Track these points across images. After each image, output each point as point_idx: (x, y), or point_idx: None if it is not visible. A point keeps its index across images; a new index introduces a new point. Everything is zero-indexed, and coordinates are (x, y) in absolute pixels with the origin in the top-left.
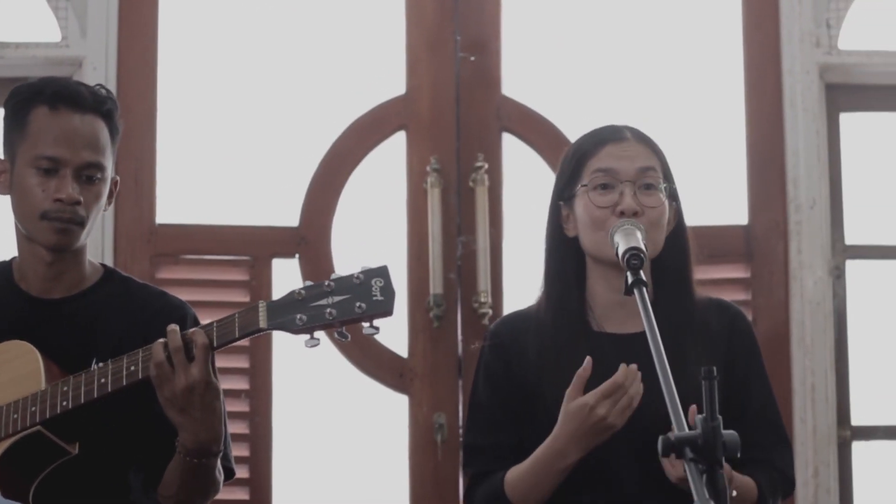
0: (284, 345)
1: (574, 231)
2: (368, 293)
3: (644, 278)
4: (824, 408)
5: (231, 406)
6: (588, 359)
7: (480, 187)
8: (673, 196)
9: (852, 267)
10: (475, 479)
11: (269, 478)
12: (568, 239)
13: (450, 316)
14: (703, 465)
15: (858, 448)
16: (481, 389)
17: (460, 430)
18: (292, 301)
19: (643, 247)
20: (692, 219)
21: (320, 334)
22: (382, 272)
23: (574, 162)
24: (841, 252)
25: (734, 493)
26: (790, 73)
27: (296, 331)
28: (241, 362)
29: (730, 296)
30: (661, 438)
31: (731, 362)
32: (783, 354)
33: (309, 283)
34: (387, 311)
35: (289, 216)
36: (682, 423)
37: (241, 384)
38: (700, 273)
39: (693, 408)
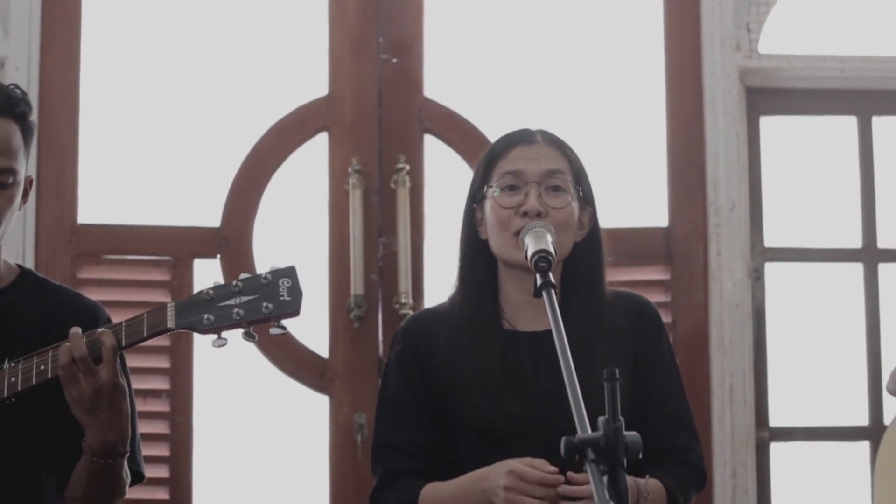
0: (205, 345)
1: (486, 234)
2: (276, 293)
3: (552, 280)
4: (742, 409)
5: (152, 406)
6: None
7: (402, 189)
8: (586, 199)
9: (771, 269)
10: (386, 479)
11: (190, 478)
12: (482, 241)
13: (371, 316)
14: (605, 467)
15: (776, 449)
16: (393, 385)
17: None
18: (200, 301)
19: (552, 249)
20: (612, 221)
21: (231, 334)
22: (290, 272)
23: (485, 164)
24: (760, 254)
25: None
26: (711, 77)
27: (203, 331)
28: (162, 362)
29: (649, 297)
30: (563, 440)
31: (638, 355)
32: (702, 356)
33: (218, 282)
34: (293, 311)
35: (210, 217)
36: (585, 424)
37: (161, 384)
38: (620, 275)
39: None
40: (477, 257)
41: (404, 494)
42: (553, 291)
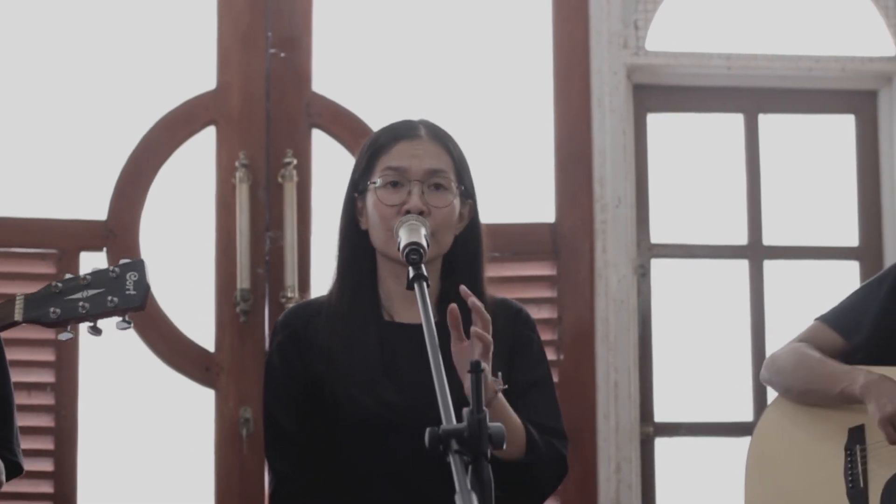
0: (91, 338)
1: (366, 224)
2: (122, 287)
3: (425, 273)
4: (627, 404)
5: (36, 399)
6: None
7: (289, 183)
8: (467, 195)
9: (657, 265)
10: (283, 482)
11: (75, 471)
12: (362, 232)
13: (257, 311)
14: (468, 457)
15: (661, 444)
16: (277, 376)
17: None
18: (49, 294)
19: (424, 242)
20: (499, 216)
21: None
22: (138, 266)
23: (368, 156)
24: (646, 251)
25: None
26: (598, 74)
27: (49, 324)
28: (47, 355)
29: (536, 293)
30: (427, 431)
31: (513, 357)
32: (587, 352)
33: (68, 275)
34: (139, 305)
35: (97, 210)
36: (451, 415)
37: (46, 377)
38: (507, 270)
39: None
40: (356, 248)
41: None
42: (425, 284)
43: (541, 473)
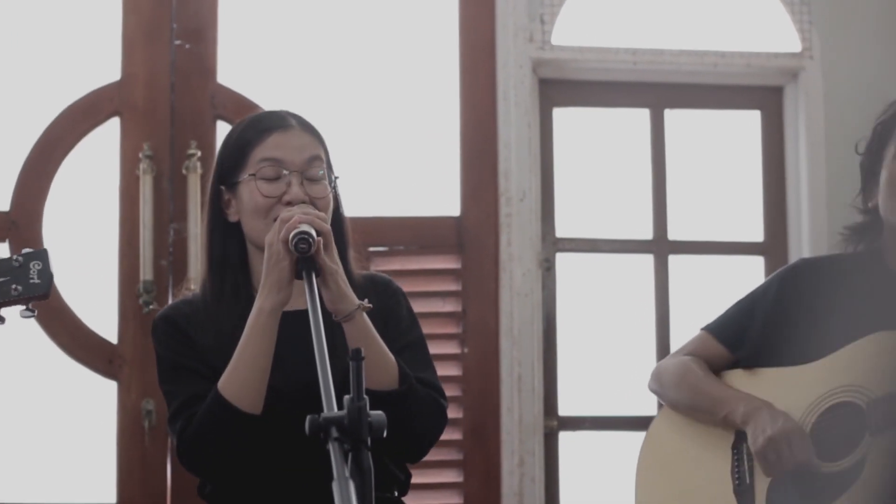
0: None
1: (236, 216)
2: (26, 276)
3: (317, 262)
4: (531, 398)
5: None
6: None
7: (193, 174)
8: (333, 183)
9: (562, 259)
10: (180, 413)
11: None
12: (230, 224)
13: (160, 302)
14: (348, 445)
15: (565, 438)
16: (168, 367)
17: None
18: None
19: (313, 232)
20: (405, 209)
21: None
22: (42, 255)
23: (238, 149)
24: (551, 245)
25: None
26: (504, 68)
27: None
28: None
29: (441, 286)
30: (308, 418)
31: (387, 330)
32: (491, 345)
33: None
34: (43, 293)
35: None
36: (332, 402)
37: None
38: (412, 263)
39: None
40: (227, 240)
41: (203, 408)
42: (314, 273)
43: (418, 408)
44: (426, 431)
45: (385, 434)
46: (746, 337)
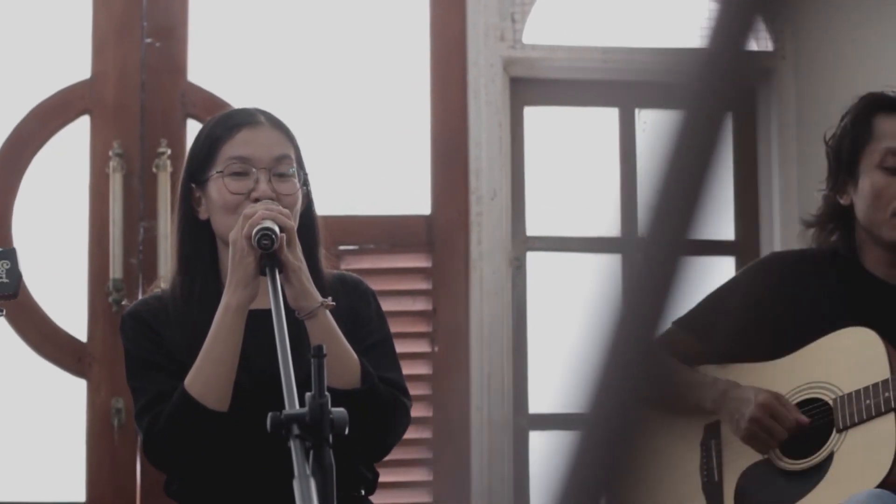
0: None
1: (206, 214)
2: None
3: (280, 258)
4: (500, 397)
5: None
6: None
7: (163, 173)
8: (304, 181)
9: (532, 258)
10: (147, 410)
11: None
12: (200, 222)
13: (130, 300)
14: (310, 442)
15: (535, 437)
16: (136, 364)
17: None
18: None
19: (276, 228)
20: (375, 208)
21: None
22: (10, 255)
23: (207, 146)
24: (521, 243)
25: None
26: (475, 66)
27: None
28: None
29: (411, 285)
30: (269, 415)
31: (356, 331)
32: (461, 344)
33: None
34: (12, 293)
35: None
36: (294, 400)
37: None
38: (382, 262)
39: None
40: (197, 238)
41: (170, 405)
42: (277, 270)
43: (380, 407)
44: (389, 430)
45: (347, 432)
46: (716, 330)
